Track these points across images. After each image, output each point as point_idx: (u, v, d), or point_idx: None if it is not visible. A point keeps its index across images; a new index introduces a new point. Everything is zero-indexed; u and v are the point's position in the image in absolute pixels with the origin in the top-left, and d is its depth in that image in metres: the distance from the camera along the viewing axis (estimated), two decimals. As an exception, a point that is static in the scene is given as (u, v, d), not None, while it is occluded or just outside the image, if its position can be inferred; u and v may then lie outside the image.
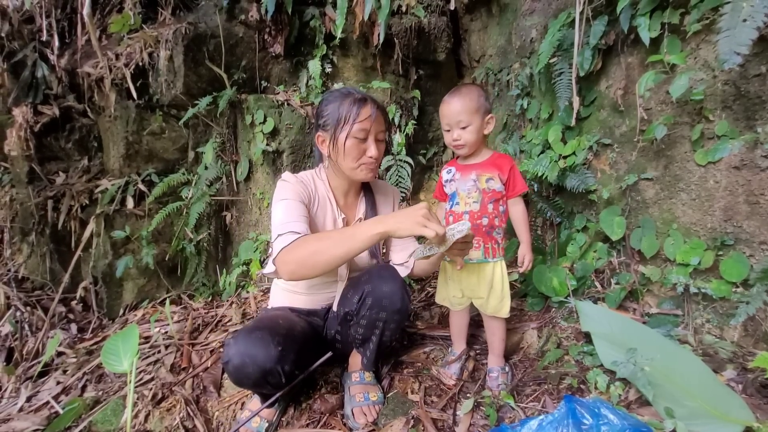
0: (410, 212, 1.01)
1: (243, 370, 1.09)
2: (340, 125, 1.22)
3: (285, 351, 1.11)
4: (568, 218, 2.00)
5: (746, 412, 1.06)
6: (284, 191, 1.25)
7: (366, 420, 1.27)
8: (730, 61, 1.19)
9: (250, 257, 2.33)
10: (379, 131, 1.26)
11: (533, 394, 1.35)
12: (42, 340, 2.06)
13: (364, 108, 1.21)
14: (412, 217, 0.99)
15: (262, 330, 1.13)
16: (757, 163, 1.32)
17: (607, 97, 1.78)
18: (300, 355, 1.18)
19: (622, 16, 1.56)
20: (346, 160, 1.25)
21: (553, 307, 1.78)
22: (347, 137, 1.22)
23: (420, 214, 0.99)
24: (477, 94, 1.34)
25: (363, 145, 1.24)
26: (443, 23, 2.60)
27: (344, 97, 1.24)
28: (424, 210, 1.00)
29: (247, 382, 1.12)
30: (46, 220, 2.33)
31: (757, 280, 1.32)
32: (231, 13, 2.34)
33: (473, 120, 1.33)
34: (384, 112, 1.30)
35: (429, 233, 0.97)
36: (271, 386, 1.15)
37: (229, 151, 2.45)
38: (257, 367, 1.08)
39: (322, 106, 1.28)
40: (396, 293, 1.21)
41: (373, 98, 1.28)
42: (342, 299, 1.34)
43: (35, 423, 1.49)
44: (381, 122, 1.27)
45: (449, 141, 1.40)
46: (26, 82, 2.37)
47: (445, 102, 1.37)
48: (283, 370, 1.11)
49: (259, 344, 1.09)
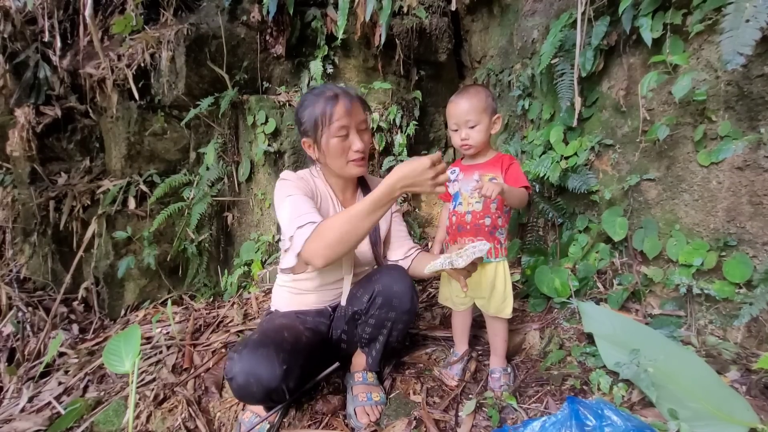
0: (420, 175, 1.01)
1: (247, 389, 1.09)
2: (318, 129, 1.22)
3: (290, 369, 1.11)
4: (570, 219, 2.00)
5: (750, 414, 1.06)
6: (287, 188, 1.26)
7: (368, 419, 1.27)
8: (733, 62, 1.19)
9: (252, 258, 2.33)
10: (359, 122, 1.25)
11: (536, 395, 1.35)
12: (44, 340, 2.07)
13: (337, 105, 1.21)
14: (427, 182, 1.01)
15: (267, 347, 1.12)
16: (760, 163, 1.31)
17: (609, 97, 1.78)
18: (304, 369, 1.19)
19: (624, 16, 1.56)
20: (334, 160, 1.26)
21: (555, 308, 1.78)
22: (329, 138, 1.22)
23: (429, 176, 1.01)
24: (485, 94, 1.36)
25: (346, 142, 1.24)
26: (444, 24, 2.60)
27: (317, 99, 1.23)
28: (429, 169, 1.00)
29: (251, 399, 1.14)
30: (48, 221, 2.33)
31: (761, 281, 1.31)
32: (233, 14, 2.35)
33: (482, 119, 1.34)
34: (360, 100, 1.29)
35: (441, 190, 1.03)
36: (274, 402, 1.17)
37: (230, 151, 2.45)
38: (261, 387, 1.08)
39: (299, 113, 1.28)
40: (406, 294, 1.22)
41: (346, 90, 1.27)
42: (351, 298, 1.33)
43: (37, 423, 1.49)
44: (359, 112, 1.26)
45: (457, 141, 1.40)
46: (28, 82, 2.38)
47: (453, 102, 1.38)
48: (287, 387, 1.11)
49: (264, 363, 1.08)
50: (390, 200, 1.04)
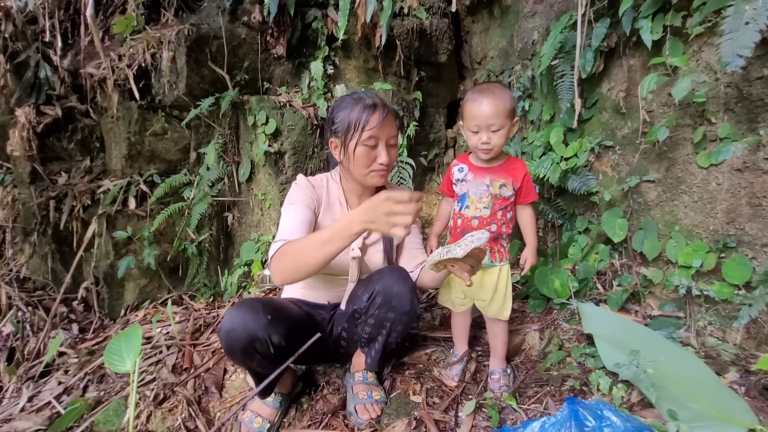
0: (375, 212, 0.94)
1: (232, 334, 1.11)
2: (349, 133, 1.22)
3: (274, 321, 1.14)
4: (569, 220, 2.00)
5: (750, 415, 1.06)
6: (293, 195, 1.29)
7: (369, 416, 1.27)
8: (732, 64, 1.20)
9: (252, 258, 2.33)
10: (390, 137, 1.25)
11: (535, 396, 1.35)
12: (43, 340, 2.06)
13: (373, 115, 1.22)
14: (381, 219, 0.93)
15: (255, 301, 1.18)
16: (759, 165, 1.32)
17: (609, 99, 1.78)
18: (291, 331, 1.18)
19: (624, 18, 1.56)
20: (357, 167, 1.26)
21: (554, 309, 1.78)
22: (357, 145, 1.22)
23: (383, 212, 0.92)
24: (509, 95, 1.29)
25: (373, 152, 1.24)
26: (445, 25, 2.60)
27: (355, 104, 1.24)
28: (386, 207, 0.92)
29: (237, 347, 1.13)
30: (48, 221, 2.33)
31: (760, 283, 1.32)
32: (233, 14, 2.35)
33: (505, 123, 1.28)
34: (396, 116, 1.30)
35: (399, 233, 0.91)
36: (260, 356, 1.14)
37: (231, 152, 2.45)
38: (246, 333, 1.10)
39: (334, 113, 1.29)
40: (406, 295, 1.22)
41: (385, 102, 1.27)
42: (352, 297, 1.34)
43: (37, 423, 1.49)
44: (392, 127, 1.26)
45: (475, 143, 1.31)
46: (29, 82, 2.38)
47: (476, 102, 1.28)
48: (271, 340, 1.12)
49: (249, 311, 1.13)
50: (349, 235, 0.99)
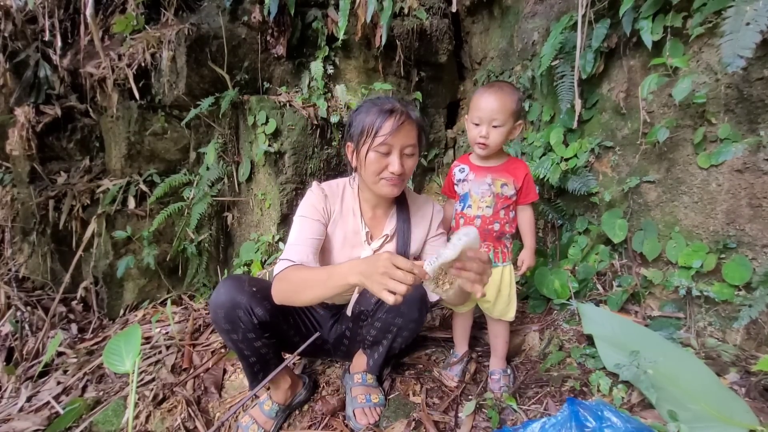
0: (373, 267, 0.88)
1: (216, 300, 1.17)
2: (362, 137, 1.17)
3: (259, 294, 1.18)
4: (569, 221, 2.00)
5: (750, 416, 1.06)
6: (304, 207, 1.27)
7: (368, 421, 1.27)
8: (733, 65, 1.20)
9: (251, 258, 2.32)
10: (405, 146, 1.17)
11: (535, 396, 1.35)
12: (42, 340, 2.06)
13: (388, 120, 1.14)
14: (375, 278, 0.87)
15: (242, 275, 1.25)
16: (759, 166, 1.32)
17: (609, 99, 1.78)
18: (276, 309, 1.19)
19: (625, 19, 1.57)
20: (367, 173, 1.20)
21: (554, 310, 1.78)
22: (368, 150, 1.16)
23: (380, 272, 0.86)
24: (517, 96, 1.30)
25: (385, 160, 1.16)
26: (445, 25, 2.60)
27: (372, 108, 1.18)
28: (385, 266, 0.86)
29: (221, 313, 1.16)
30: (48, 220, 2.32)
31: (760, 284, 1.32)
32: (234, 14, 2.35)
33: (507, 121, 1.28)
34: (417, 125, 1.21)
35: (388, 299, 0.84)
36: (243, 326, 1.17)
37: (230, 151, 2.45)
38: (229, 297, 1.16)
39: (353, 116, 1.24)
40: (416, 302, 1.21)
41: (407, 111, 1.18)
42: (360, 297, 1.31)
43: (36, 423, 1.48)
44: (409, 137, 1.17)
45: (474, 136, 1.32)
46: (29, 82, 2.38)
47: (483, 95, 1.29)
48: (252, 310, 1.16)
49: (236, 282, 1.20)
50: (342, 284, 0.96)
